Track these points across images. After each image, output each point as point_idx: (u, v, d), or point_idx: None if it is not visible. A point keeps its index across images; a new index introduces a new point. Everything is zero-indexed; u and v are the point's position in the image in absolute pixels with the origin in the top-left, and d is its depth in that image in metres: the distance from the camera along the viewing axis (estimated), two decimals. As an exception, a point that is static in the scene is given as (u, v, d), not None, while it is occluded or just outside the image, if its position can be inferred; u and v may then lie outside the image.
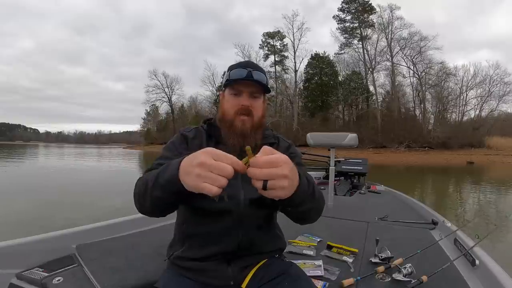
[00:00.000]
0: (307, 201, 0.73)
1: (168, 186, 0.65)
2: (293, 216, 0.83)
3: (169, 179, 0.64)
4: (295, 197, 0.65)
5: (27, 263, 1.18)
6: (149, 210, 0.76)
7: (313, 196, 0.76)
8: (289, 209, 0.76)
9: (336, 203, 2.69)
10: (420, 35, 33.45)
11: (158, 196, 0.68)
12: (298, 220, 0.86)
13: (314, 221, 0.87)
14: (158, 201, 0.70)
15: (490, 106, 34.03)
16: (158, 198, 0.69)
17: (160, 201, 0.70)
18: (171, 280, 0.88)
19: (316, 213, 0.85)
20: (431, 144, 29.23)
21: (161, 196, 0.68)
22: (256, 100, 0.89)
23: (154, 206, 0.73)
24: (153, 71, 49.05)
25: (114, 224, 1.62)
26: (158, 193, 0.68)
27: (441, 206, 6.30)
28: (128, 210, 1.48)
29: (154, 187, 0.68)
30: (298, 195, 0.66)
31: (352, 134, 2.51)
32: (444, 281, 1.17)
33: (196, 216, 0.88)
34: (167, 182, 0.65)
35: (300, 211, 0.77)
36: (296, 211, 0.76)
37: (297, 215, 0.82)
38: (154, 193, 0.69)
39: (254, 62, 0.94)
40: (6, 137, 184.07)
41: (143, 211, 0.77)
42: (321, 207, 0.85)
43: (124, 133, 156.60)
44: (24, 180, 9.51)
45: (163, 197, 0.68)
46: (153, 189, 0.69)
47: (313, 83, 39.41)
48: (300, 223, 0.87)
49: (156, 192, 0.68)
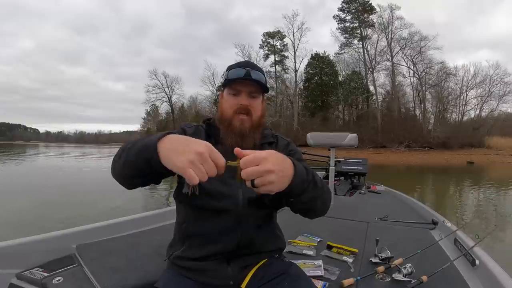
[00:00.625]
0: (309, 190, 0.73)
1: (143, 151, 0.64)
2: (298, 208, 0.81)
3: (147, 143, 0.63)
4: (293, 187, 0.66)
5: (27, 263, 1.17)
6: (118, 173, 0.73)
7: (316, 185, 0.76)
8: (291, 199, 0.75)
9: (336, 203, 2.68)
10: (420, 35, 33.56)
11: (131, 159, 0.67)
12: (304, 212, 0.84)
13: (322, 213, 0.86)
14: (129, 165, 0.68)
15: (490, 106, 34.15)
16: (130, 161, 0.67)
17: (130, 165, 0.68)
18: (171, 280, 0.89)
19: (322, 203, 0.83)
20: (431, 144, 29.26)
21: (133, 160, 0.66)
22: (254, 99, 0.89)
23: (124, 169, 0.70)
24: (153, 71, 48.98)
25: (114, 224, 1.61)
26: (131, 156, 0.67)
27: (441, 206, 6.30)
28: (128, 210, 1.49)
29: (129, 149, 0.68)
30: (296, 184, 0.67)
31: (352, 134, 2.51)
32: (444, 281, 1.17)
33: (195, 216, 0.88)
34: (144, 146, 0.64)
35: (303, 201, 0.75)
36: (299, 201, 0.75)
37: (301, 206, 0.80)
38: (128, 156, 0.68)
39: (252, 62, 0.94)
40: (6, 137, 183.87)
41: (114, 173, 0.74)
42: (327, 197, 0.84)
43: (124, 133, 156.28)
44: (24, 180, 9.51)
45: (134, 161, 0.66)
46: (128, 151, 0.68)
47: (313, 83, 39.44)
48: (307, 216, 0.86)
49: (129, 155, 0.67)
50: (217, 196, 0.84)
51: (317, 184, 0.77)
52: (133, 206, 5.12)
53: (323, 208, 0.85)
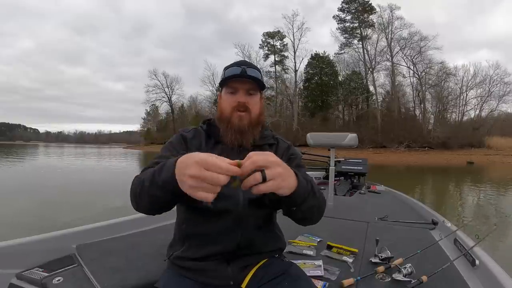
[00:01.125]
0: (309, 199, 0.74)
1: (165, 186, 0.65)
2: (297, 216, 0.82)
3: (165, 179, 0.64)
4: (296, 195, 0.67)
5: (27, 263, 1.18)
6: (147, 208, 0.76)
7: (314, 194, 0.77)
8: (294, 208, 0.75)
9: (336, 203, 2.69)
10: (420, 35, 33.48)
11: (156, 194, 0.68)
12: (302, 220, 0.85)
13: (317, 221, 0.87)
14: (155, 200, 0.70)
15: (490, 106, 34.09)
16: (155, 196, 0.69)
17: (157, 200, 0.70)
18: (171, 280, 0.89)
19: (318, 212, 0.84)
20: (431, 144, 29.22)
21: (159, 195, 0.68)
22: (252, 97, 0.90)
23: (151, 204, 0.73)
24: (153, 71, 49.10)
25: (114, 224, 1.61)
26: (156, 192, 0.68)
27: (441, 206, 6.30)
28: (128, 210, 1.49)
29: (150, 186, 0.69)
30: (299, 193, 0.68)
31: (352, 134, 2.51)
32: (444, 281, 1.17)
33: (195, 216, 0.88)
34: (164, 182, 0.65)
35: (303, 210, 0.76)
36: (300, 210, 0.76)
37: (301, 215, 0.81)
38: (151, 192, 0.69)
39: (248, 61, 0.95)
40: (6, 137, 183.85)
41: (140, 209, 0.77)
42: (323, 206, 0.85)
43: (124, 133, 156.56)
44: (24, 180, 9.50)
45: (160, 196, 0.68)
46: (149, 188, 0.69)
47: (313, 83, 39.40)
48: (303, 224, 0.87)
49: (153, 191, 0.68)
50: (217, 196, 0.84)
51: (316, 194, 0.78)
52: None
53: (318, 216, 0.86)
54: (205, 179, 0.55)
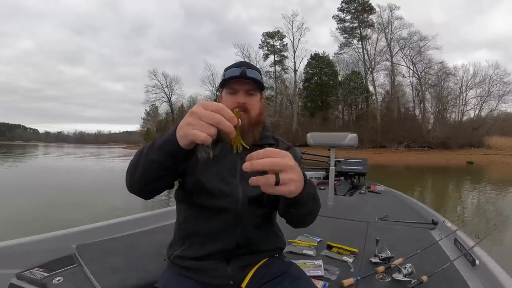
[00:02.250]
0: (309, 203, 0.74)
1: (164, 146, 0.65)
2: (293, 218, 0.82)
3: (166, 139, 0.64)
4: (301, 197, 0.65)
5: (27, 263, 1.18)
6: (138, 179, 0.73)
7: (315, 198, 0.77)
8: (293, 210, 0.74)
9: (336, 203, 2.69)
10: (419, 35, 33.53)
11: (153, 159, 0.67)
12: (296, 223, 0.85)
13: (310, 224, 0.87)
14: (151, 165, 0.69)
15: (490, 106, 34.14)
16: (152, 161, 0.68)
17: (153, 165, 0.68)
18: (171, 280, 0.89)
19: (314, 216, 0.85)
20: (430, 144, 29.24)
21: (156, 159, 0.67)
22: (252, 97, 0.90)
23: (145, 173, 0.71)
24: (153, 71, 49.06)
25: (114, 224, 1.61)
26: (154, 155, 0.67)
27: (441, 206, 6.30)
28: (128, 210, 1.48)
29: (149, 150, 0.68)
30: (303, 197, 0.66)
31: (352, 134, 2.51)
32: (444, 281, 1.17)
33: (195, 215, 0.89)
34: (164, 142, 0.65)
35: (301, 213, 0.76)
36: (298, 213, 0.75)
37: (297, 218, 0.81)
38: (149, 156, 0.68)
39: (248, 62, 0.96)
40: (6, 137, 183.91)
41: (133, 184, 0.75)
42: (318, 210, 0.85)
43: (123, 133, 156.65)
44: (24, 180, 9.49)
45: (157, 160, 0.67)
46: (148, 153, 0.68)
47: (313, 83, 39.43)
48: (296, 227, 0.86)
49: (151, 155, 0.68)
50: (217, 194, 0.85)
51: (316, 198, 0.78)
52: (132, 206, 5.11)
53: (313, 220, 0.86)
54: (202, 115, 0.55)
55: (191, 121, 0.56)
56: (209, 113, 0.55)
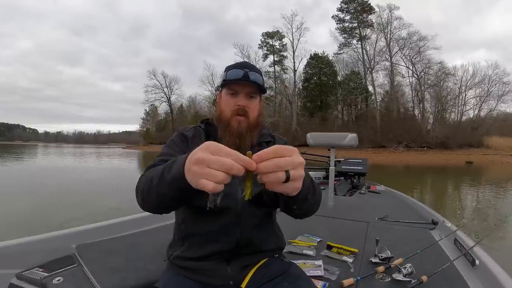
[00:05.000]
0: (309, 196, 0.73)
1: (174, 183, 0.63)
2: (296, 213, 0.80)
3: (174, 176, 0.62)
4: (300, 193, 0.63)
5: (27, 263, 1.17)
6: (154, 207, 0.73)
7: (314, 190, 0.76)
8: (294, 207, 0.73)
9: (336, 203, 2.69)
10: (419, 35, 33.51)
11: (164, 193, 0.66)
12: (300, 215, 0.83)
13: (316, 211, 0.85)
14: (163, 198, 0.68)
15: (489, 106, 34.12)
16: (163, 194, 0.67)
17: (165, 198, 0.68)
18: (171, 280, 0.89)
19: (317, 206, 0.83)
20: (430, 144, 29.26)
21: (167, 193, 0.66)
22: (252, 100, 0.90)
23: (159, 203, 0.71)
24: (152, 71, 49.14)
25: (114, 224, 1.61)
26: (164, 190, 0.66)
27: (441, 206, 6.30)
28: (128, 210, 1.48)
29: (159, 184, 0.67)
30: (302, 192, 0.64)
31: (352, 134, 2.51)
32: (444, 281, 1.18)
33: (194, 215, 0.88)
34: (173, 179, 0.63)
35: (303, 207, 0.75)
36: (300, 207, 0.74)
37: (299, 211, 0.79)
38: (160, 190, 0.67)
39: (250, 63, 0.95)
40: (5, 137, 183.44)
41: (146, 207, 0.75)
42: (320, 199, 0.83)
43: (123, 133, 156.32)
44: (24, 180, 9.49)
45: (169, 194, 0.66)
46: (158, 186, 0.67)
47: (312, 83, 39.43)
48: (300, 218, 0.84)
49: (161, 189, 0.66)
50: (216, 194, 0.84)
51: (316, 189, 0.77)
52: (132, 206, 5.11)
53: (316, 209, 0.84)
54: (210, 161, 0.51)
55: (198, 171, 0.52)
56: (218, 159, 0.51)
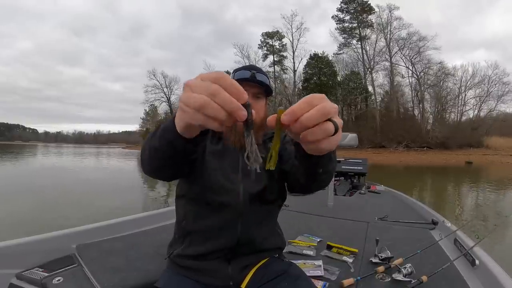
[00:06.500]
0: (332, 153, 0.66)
1: (164, 133, 0.59)
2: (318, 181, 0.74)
3: (166, 125, 0.59)
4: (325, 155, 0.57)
5: (27, 263, 1.17)
6: (147, 163, 0.70)
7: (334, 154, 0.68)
8: (320, 170, 0.66)
9: (336, 203, 2.69)
10: (418, 35, 33.60)
11: (156, 146, 0.64)
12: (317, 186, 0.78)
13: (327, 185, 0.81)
14: (156, 153, 0.65)
15: (489, 106, 34.16)
16: (155, 149, 0.65)
17: (157, 153, 0.65)
18: (171, 280, 0.89)
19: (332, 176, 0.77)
20: (429, 144, 29.30)
21: (158, 147, 0.63)
22: (258, 101, 0.91)
23: (151, 159, 0.68)
24: (152, 71, 49.07)
25: (114, 224, 1.61)
26: (156, 142, 0.63)
27: (440, 206, 6.30)
28: (128, 210, 1.48)
29: (152, 137, 0.66)
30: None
31: (352, 134, 2.52)
32: (444, 281, 1.17)
33: (195, 212, 0.89)
34: (163, 130, 0.60)
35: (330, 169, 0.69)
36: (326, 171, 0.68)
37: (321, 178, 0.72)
38: (152, 143, 0.65)
39: (257, 66, 0.96)
40: (5, 137, 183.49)
41: (144, 168, 0.73)
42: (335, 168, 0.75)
43: (123, 133, 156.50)
44: (24, 180, 9.48)
45: (159, 148, 0.63)
46: (152, 139, 0.66)
47: (312, 83, 39.40)
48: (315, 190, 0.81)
49: (154, 142, 0.64)
50: (218, 190, 0.85)
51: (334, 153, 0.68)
52: (132, 206, 5.12)
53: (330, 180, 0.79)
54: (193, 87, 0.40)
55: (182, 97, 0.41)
56: (203, 83, 0.39)
